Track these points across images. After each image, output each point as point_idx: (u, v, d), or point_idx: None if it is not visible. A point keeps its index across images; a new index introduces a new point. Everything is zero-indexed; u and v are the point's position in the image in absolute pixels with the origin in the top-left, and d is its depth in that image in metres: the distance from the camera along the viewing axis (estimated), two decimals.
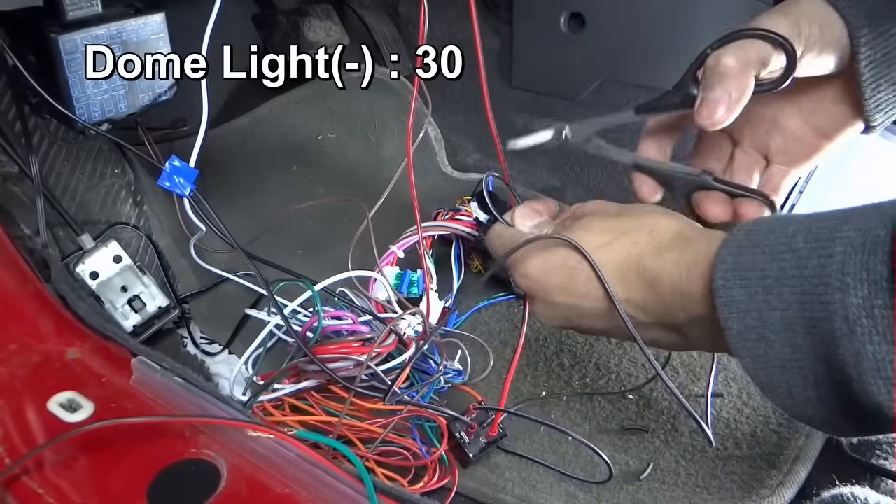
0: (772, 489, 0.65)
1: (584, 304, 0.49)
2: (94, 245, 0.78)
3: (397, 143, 1.10)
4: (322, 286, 0.73)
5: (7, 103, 0.77)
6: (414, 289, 0.83)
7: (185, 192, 0.70)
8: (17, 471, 0.45)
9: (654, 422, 0.73)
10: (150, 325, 0.80)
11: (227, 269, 0.92)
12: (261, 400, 0.71)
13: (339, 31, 1.18)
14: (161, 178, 0.69)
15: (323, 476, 0.45)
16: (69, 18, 0.70)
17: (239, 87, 1.17)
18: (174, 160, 0.69)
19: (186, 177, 0.70)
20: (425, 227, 0.84)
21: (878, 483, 0.63)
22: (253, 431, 0.48)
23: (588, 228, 0.50)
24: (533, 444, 0.73)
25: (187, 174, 0.70)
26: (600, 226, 0.49)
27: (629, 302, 0.46)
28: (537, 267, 0.52)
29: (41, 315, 0.60)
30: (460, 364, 0.80)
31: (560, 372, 0.79)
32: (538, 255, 0.52)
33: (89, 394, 0.52)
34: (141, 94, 0.78)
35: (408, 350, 0.73)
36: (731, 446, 0.70)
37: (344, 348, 0.70)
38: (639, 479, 0.69)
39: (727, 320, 0.38)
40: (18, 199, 0.75)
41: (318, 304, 0.71)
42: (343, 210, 0.99)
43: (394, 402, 0.69)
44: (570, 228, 0.51)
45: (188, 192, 0.70)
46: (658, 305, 0.45)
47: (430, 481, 0.67)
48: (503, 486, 0.69)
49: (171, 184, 0.69)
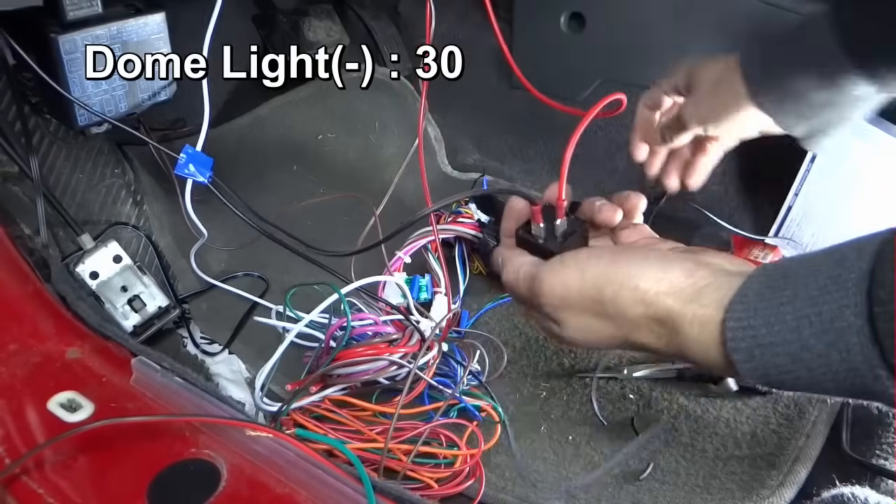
0: (772, 489, 0.65)
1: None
2: (94, 245, 0.78)
3: (397, 143, 1.10)
4: (348, 290, 0.73)
5: (7, 103, 0.77)
6: (423, 293, 0.83)
7: (204, 178, 0.70)
8: (17, 470, 0.45)
9: (653, 421, 0.73)
10: (150, 325, 0.80)
11: (228, 269, 0.93)
12: (293, 407, 0.70)
13: (339, 31, 1.18)
14: (178, 168, 0.70)
15: (322, 476, 0.45)
16: (69, 18, 0.70)
17: (239, 87, 1.16)
18: (188, 149, 0.69)
19: (203, 164, 0.70)
20: (430, 232, 0.84)
21: (878, 483, 0.63)
22: (252, 431, 0.48)
23: (571, 320, 0.44)
24: (533, 444, 0.73)
25: (203, 162, 0.70)
26: (583, 321, 0.44)
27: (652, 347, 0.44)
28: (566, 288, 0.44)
29: (41, 315, 0.60)
30: (478, 364, 0.80)
31: (560, 372, 0.79)
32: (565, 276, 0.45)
33: (89, 394, 0.52)
34: (141, 93, 0.78)
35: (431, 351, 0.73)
36: (731, 447, 0.70)
37: (372, 350, 0.70)
38: (639, 479, 0.69)
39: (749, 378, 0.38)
40: (18, 199, 0.75)
41: (346, 308, 0.71)
42: (343, 210, 0.99)
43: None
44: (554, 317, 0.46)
45: (207, 179, 0.70)
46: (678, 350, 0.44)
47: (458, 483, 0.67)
48: (503, 486, 0.69)
49: (189, 172, 0.69)
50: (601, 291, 0.41)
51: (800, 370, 0.34)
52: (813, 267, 0.35)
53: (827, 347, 0.33)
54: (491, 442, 0.71)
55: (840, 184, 0.87)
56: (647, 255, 0.41)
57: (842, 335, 0.32)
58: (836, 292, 0.33)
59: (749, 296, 0.36)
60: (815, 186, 0.89)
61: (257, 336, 0.84)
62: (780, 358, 0.35)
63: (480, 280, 0.90)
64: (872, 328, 0.31)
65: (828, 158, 0.87)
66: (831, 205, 0.88)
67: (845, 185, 0.87)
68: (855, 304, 0.32)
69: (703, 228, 0.96)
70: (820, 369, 0.34)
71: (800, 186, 0.90)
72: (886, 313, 0.31)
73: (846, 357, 0.32)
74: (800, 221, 0.91)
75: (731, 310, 0.37)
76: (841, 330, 0.32)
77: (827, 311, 0.33)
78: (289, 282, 0.82)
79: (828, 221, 0.89)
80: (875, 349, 0.31)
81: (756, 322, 0.35)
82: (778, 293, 0.35)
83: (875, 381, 0.32)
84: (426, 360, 0.73)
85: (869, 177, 0.85)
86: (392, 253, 0.85)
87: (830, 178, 0.88)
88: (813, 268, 0.35)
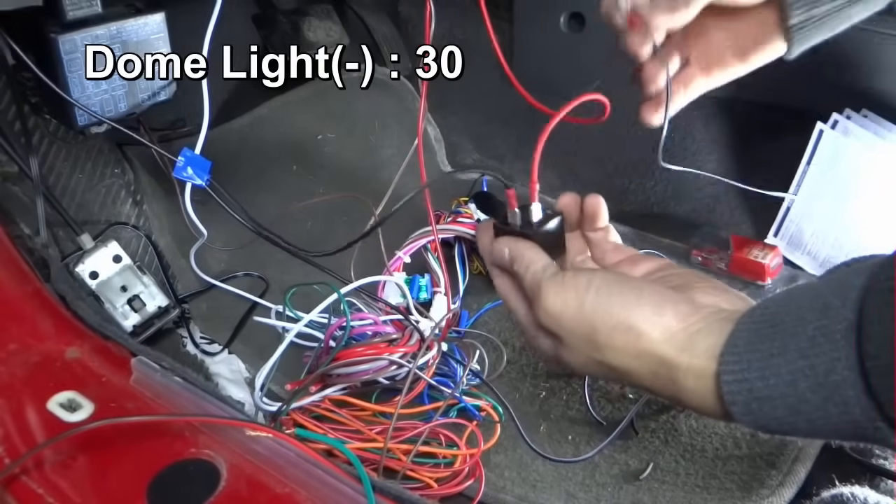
0: (772, 489, 0.65)
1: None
2: (94, 245, 0.78)
3: (397, 143, 1.10)
4: (348, 289, 0.73)
5: (7, 103, 0.77)
6: (423, 293, 0.83)
7: (202, 181, 0.70)
8: (17, 470, 0.45)
9: (654, 421, 0.73)
10: (150, 324, 0.80)
11: (228, 269, 0.93)
12: (293, 407, 0.70)
13: (339, 31, 1.18)
14: (176, 170, 0.69)
15: (322, 475, 0.45)
16: (69, 18, 0.70)
17: (239, 87, 1.17)
18: (186, 151, 0.69)
19: (201, 167, 0.70)
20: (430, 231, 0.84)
21: (878, 483, 0.63)
22: (252, 431, 0.48)
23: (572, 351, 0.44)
24: (533, 444, 0.73)
25: (201, 164, 0.70)
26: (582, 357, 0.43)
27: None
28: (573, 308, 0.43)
29: (41, 315, 0.60)
30: (478, 364, 0.80)
31: (560, 372, 0.79)
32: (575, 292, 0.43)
33: (89, 393, 0.52)
34: (141, 93, 0.78)
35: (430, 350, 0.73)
36: (731, 446, 0.70)
37: (371, 350, 0.70)
38: (639, 479, 0.69)
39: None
40: (18, 199, 0.75)
41: (346, 308, 0.71)
42: (343, 210, 0.99)
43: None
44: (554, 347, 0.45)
45: (205, 182, 0.70)
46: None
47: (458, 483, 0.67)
48: (503, 486, 0.69)
49: (187, 175, 0.69)
50: (595, 331, 0.41)
51: (799, 422, 0.35)
52: (798, 315, 0.35)
53: (824, 401, 0.33)
54: (491, 442, 0.71)
55: (840, 184, 0.87)
56: (641, 293, 0.41)
57: (837, 389, 0.32)
58: (825, 344, 0.33)
59: (739, 346, 0.36)
60: (815, 186, 0.89)
61: (257, 336, 0.84)
62: (779, 410, 0.35)
63: (480, 280, 0.90)
64: (866, 381, 0.31)
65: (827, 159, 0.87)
66: (831, 205, 0.88)
67: (845, 185, 0.87)
68: (846, 356, 0.32)
69: (703, 228, 0.97)
70: (819, 421, 0.34)
71: (799, 186, 0.90)
72: (879, 367, 0.31)
73: (844, 410, 0.32)
74: (800, 221, 0.91)
75: (723, 361, 0.36)
76: (836, 384, 0.32)
77: (819, 363, 0.33)
78: (288, 282, 0.82)
79: (828, 221, 0.89)
80: (871, 402, 0.31)
81: (751, 375, 0.35)
82: (768, 343, 0.35)
83: (876, 432, 0.32)
84: (426, 360, 0.73)
85: (868, 177, 0.85)
86: (392, 253, 0.85)
87: (830, 178, 0.88)
88: (799, 316, 0.34)
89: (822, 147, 0.87)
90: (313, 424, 0.69)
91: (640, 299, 0.40)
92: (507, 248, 0.47)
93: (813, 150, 0.88)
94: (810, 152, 0.88)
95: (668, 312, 0.40)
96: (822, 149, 0.87)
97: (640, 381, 0.41)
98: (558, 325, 0.43)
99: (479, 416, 0.73)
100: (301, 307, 0.78)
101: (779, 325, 0.35)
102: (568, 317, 0.42)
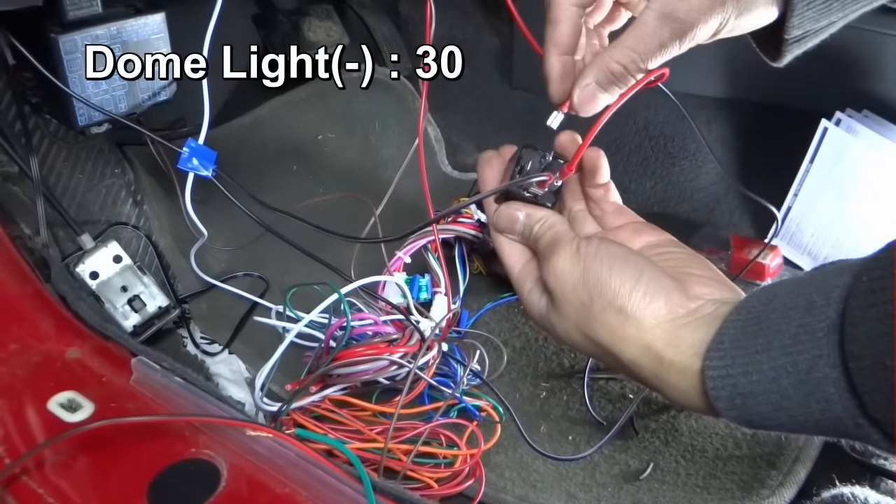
0: (772, 489, 0.65)
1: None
2: (94, 245, 0.78)
3: (397, 143, 1.10)
4: (348, 289, 0.73)
5: (7, 103, 0.77)
6: (423, 293, 0.83)
7: (207, 172, 0.70)
8: (17, 470, 0.45)
9: (654, 421, 0.73)
10: (150, 324, 0.80)
11: (228, 269, 0.93)
12: (293, 407, 0.70)
13: (339, 31, 1.18)
14: (181, 162, 0.69)
15: (322, 476, 0.45)
16: (69, 18, 0.70)
17: (239, 87, 1.17)
18: (191, 142, 0.69)
19: (206, 158, 0.70)
20: (430, 231, 0.84)
21: (878, 483, 0.63)
22: (252, 431, 0.48)
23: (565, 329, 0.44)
24: (533, 444, 0.73)
25: (206, 155, 0.70)
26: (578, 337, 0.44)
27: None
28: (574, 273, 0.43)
29: (41, 315, 0.60)
30: (478, 364, 0.80)
31: (560, 372, 0.79)
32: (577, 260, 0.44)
33: (89, 394, 0.52)
34: (141, 93, 0.78)
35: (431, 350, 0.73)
36: (731, 446, 0.70)
37: (372, 350, 0.70)
38: (639, 479, 0.69)
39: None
40: (18, 199, 0.75)
41: (346, 308, 0.71)
42: (343, 210, 0.99)
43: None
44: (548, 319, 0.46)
45: (211, 173, 0.70)
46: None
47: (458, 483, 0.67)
48: (503, 486, 0.69)
49: (192, 166, 0.69)
50: (591, 302, 0.42)
51: (782, 418, 0.35)
52: (783, 312, 0.35)
53: (806, 398, 0.33)
54: (491, 442, 0.71)
55: (839, 184, 0.87)
56: (640, 276, 0.41)
57: (818, 386, 0.33)
58: (807, 342, 0.33)
59: (725, 343, 0.37)
60: (815, 186, 0.89)
61: (257, 336, 0.84)
62: (762, 406, 0.35)
63: (480, 280, 0.90)
64: (848, 379, 0.32)
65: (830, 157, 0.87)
66: (831, 205, 0.88)
67: (845, 186, 0.87)
68: (828, 354, 0.32)
69: (703, 228, 0.97)
70: (801, 417, 0.34)
71: (800, 186, 0.90)
72: (862, 368, 0.31)
73: (826, 407, 0.33)
74: (800, 221, 0.91)
75: (709, 357, 0.37)
76: (817, 381, 0.33)
77: (801, 361, 0.33)
78: (289, 282, 0.82)
79: (828, 221, 0.89)
80: (853, 400, 0.32)
81: (734, 371, 0.36)
82: (752, 340, 0.35)
83: (858, 429, 0.32)
84: (426, 360, 0.73)
85: (868, 177, 0.85)
86: (392, 253, 0.85)
87: (830, 178, 0.88)
88: (783, 313, 0.35)
89: (825, 145, 0.87)
90: (314, 424, 0.69)
91: (637, 282, 0.41)
92: (522, 212, 0.48)
93: (816, 148, 0.87)
94: (813, 150, 0.88)
95: (661, 300, 0.40)
96: (826, 147, 0.87)
97: (621, 362, 0.42)
98: (560, 287, 0.43)
99: (480, 417, 0.73)
100: (301, 307, 0.78)
101: (763, 322, 0.35)
102: (571, 281, 0.43)
